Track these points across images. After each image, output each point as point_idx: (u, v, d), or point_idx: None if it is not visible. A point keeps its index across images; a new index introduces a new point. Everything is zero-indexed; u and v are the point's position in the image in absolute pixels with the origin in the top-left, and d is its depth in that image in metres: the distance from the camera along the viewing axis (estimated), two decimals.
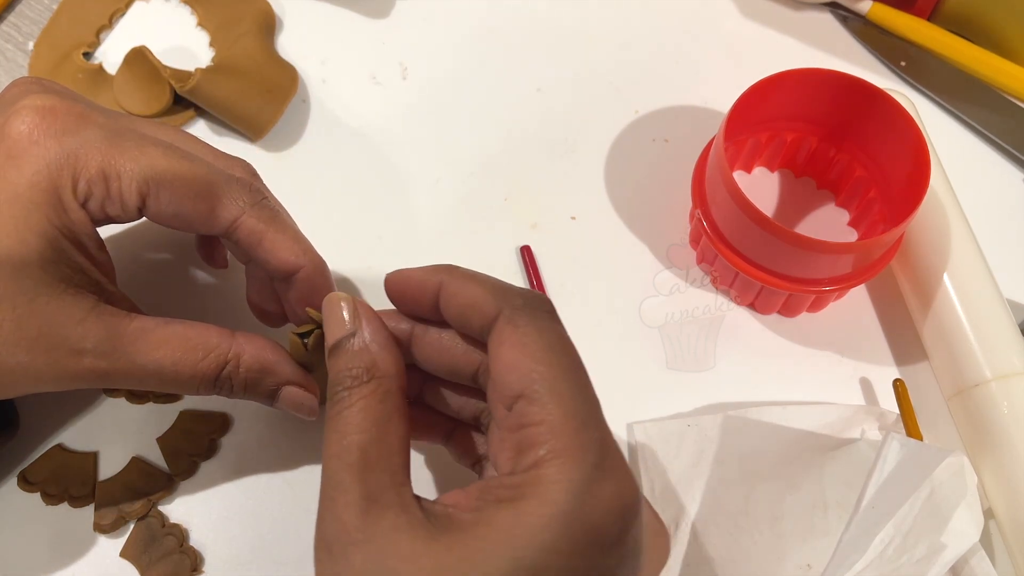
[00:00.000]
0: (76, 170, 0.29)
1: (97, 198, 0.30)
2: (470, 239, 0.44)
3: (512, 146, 0.46)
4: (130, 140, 0.31)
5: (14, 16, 0.49)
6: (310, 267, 0.33)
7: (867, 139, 0.41)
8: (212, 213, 0.31)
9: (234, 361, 0.31)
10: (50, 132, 0.29)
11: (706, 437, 0.38)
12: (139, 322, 0.31)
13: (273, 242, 0.32)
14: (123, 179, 0.30)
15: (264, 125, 0.45)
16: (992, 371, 0.37)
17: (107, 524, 0.36)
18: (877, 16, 0.50)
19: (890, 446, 0.33)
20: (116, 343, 0.30)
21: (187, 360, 0.31)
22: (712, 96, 0.48)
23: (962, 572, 0.34)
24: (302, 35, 0.49)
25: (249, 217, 0.32)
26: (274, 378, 0.32)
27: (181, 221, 0.31)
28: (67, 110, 0.30)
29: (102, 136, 0.30)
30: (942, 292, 0.39)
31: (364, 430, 0.26)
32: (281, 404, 0.33)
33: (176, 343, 0.31)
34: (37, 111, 0.30)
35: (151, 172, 0.30)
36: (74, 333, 0.29)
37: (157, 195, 0.31)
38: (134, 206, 0.31)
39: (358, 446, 0.26)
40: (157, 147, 0.31)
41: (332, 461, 0.26)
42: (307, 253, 0.33)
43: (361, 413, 0.27)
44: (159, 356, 0.30)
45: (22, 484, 0.37)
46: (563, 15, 0.50)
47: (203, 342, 0.31)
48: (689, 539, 0.36)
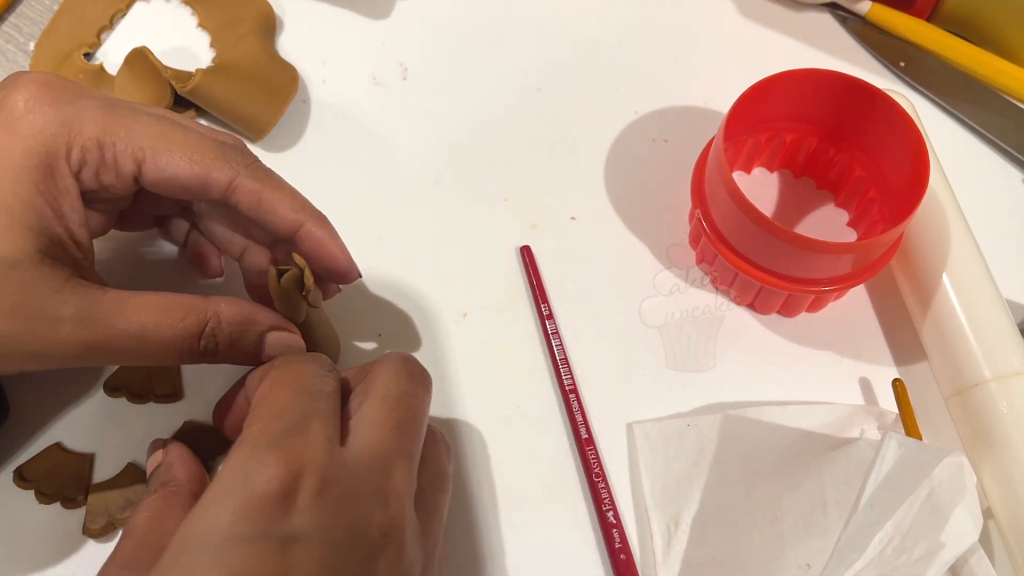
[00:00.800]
0: (71, 137, 0.30)
1: (91, 165, 0.30)
2: (470, 239, 0.44)
3: (512, 146, 0.46)
4: (124, 109, 0.31)
5: (15, 17, 0.49)
6: (311, 222, 0.33)
7: (866, 139, 0.41)
8: (208, 176, 0.31)
9: (215, 318, 0.31)
10: (47, 101, 0.30)
11: (706, 437, 0.38)
12: (114, 292, 0.30)
13: (271, 200, 0.33)
14: (118, 145, 0.30)
15: (264, 125, 0.45)
16: (991, 371, 0.37)
17: (96, 529, 0.36)
18: (876, 16, 0.50)
19: (888, 445, 0.33)
20: (94, 310, 0.29)
21: (168, 321, 0.30)
22: (712, 96, 0.48)
23: (961, 572, 0.34)
24: (302, 35, 0.49)
25: (245, 178, 0.32)
26: (257, 327, 0.32)
27: (177, 186, 0.32)
28: (64, 85, 0.31)
29: (97, 105, 0.31)
30: (941, 292, 0.39)
31: (140, 520, 0.31)
32: (267, 353, 0.33)
33: (154, 306, 0.30)
34: (36, 83, 0.30)
35: (146, 138, 0.31)
36: (53, 301, 0.29)
37: (154, 160, 0.31)
38: (129, 173, 0.31)
39: (128, 530, 0.30)
40: (151, 115, 0.31)
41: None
42: (306, 208, 0.34)
43: (142, 509, 0.31)
44: (140, 319, 0.30)
45: (17, 480, 0.37)
46: (563, 15, 0.50)
47: (181, 304, 0.31)
48: (689, 539, 0.36)
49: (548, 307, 0.41)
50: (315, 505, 0.25)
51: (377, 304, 0.42)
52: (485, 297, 0.42)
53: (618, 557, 0.36)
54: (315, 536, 0.25)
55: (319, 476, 0.26)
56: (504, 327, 0.41)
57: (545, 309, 0.41)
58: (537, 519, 0.37)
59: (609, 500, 0.37)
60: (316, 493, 0.25)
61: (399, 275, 0.42)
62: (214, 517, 0.25)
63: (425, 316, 0.41)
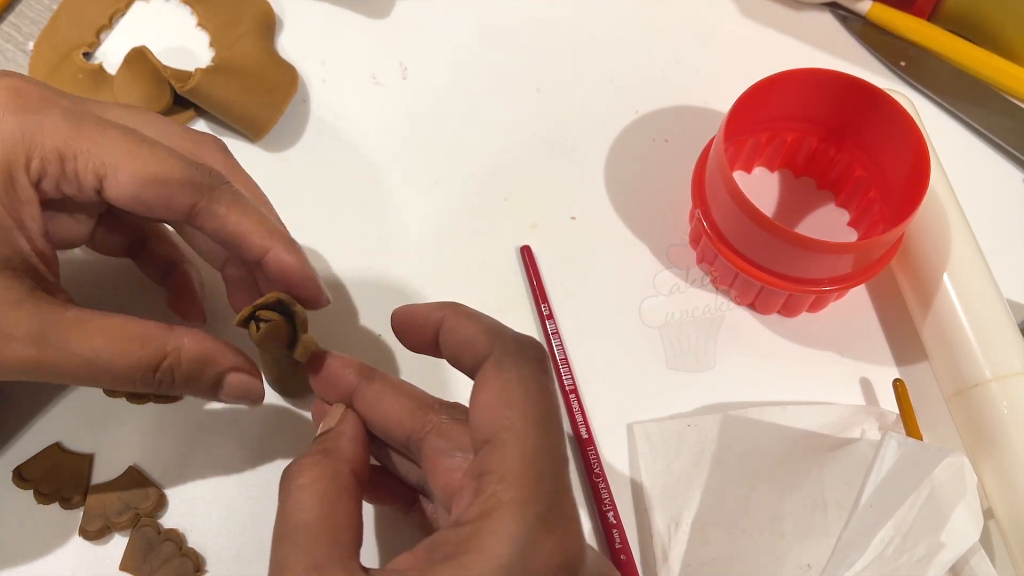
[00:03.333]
0: (31, 148, 0.29)
1: (51, 177, 0.29)
2: (470, 239, 0.44)
3: (512, 146, 0.46)
4: (90, 122, 0.30)
5: (14, 16, 0.49)
6: (279, 247, 0.32)
7: (867, 139, 0.41)
8: (171, 198, 0.30)
9: (174, 353, 0.30)
10: (10, 109, 0.29)
11: (706, 437, 0.38)
12: (75, 312, 0.30)
13: (237, 225, 0.31)
14: (79, 159, 0.29)
15: (264, 125, 0.45)
16: (992, 371, 0.37)
17: (93, 531, 0.35)
18: (877, 16, 0.50)
19: (888, 445, 0.33)
20: (49, 330, 0.29)
21: (124, 350, 0.29)
22: (712, 96, 0.48)
23: (962, 572, 0.34)
24: (302, 35, 0.49)
25: (210, 202, 0.31)
26: (215, 367, 0.32)
27: (141, 205, 0.31)
28: (31, 92, 0.30)
29: (62, 116, 0.30)
30: (942, 292, 0.39)
31: (309, 509, 0.27)
32: (226, 394, 0.32)
33: (114, 333, 0.30)
34: (6, 89, 0.29)
35: (108, 154, 0.30)
36: (6, 317, 0.28)
37: (115, 177, 0.30)
38: (90, 186, 0.30)
39: (303, 525, 0.26)
40: (116, 129, 0.30)
41: (277, 542, 0.27)
42: (273, 234, 0.32)
43: (307, 491, 0.27)
44: (96, 345, 0.29)
45: (17, 480, 0.36)
46: (563, 15, 0.50)
47: (141, 333, 0.30)
48: (689, 539, 0.36)
49: (548, 307, 0.41)
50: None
51: (377, 304, 0.42)
52: (485, 297, 0.42)
53: (618, 557, 0.36)
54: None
55: (581, 561, 0.25)
56: None
57: (545, 309, 0.41)
58: None
59: (609, 500, 0.37)
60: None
61: (399, 275, 0.42)
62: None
63: None
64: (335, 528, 0.27)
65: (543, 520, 0.24)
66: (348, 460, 0.29)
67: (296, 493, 0.27)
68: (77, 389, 0.39)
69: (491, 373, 0.27)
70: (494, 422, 0.26)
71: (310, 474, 0.28)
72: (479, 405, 0.27)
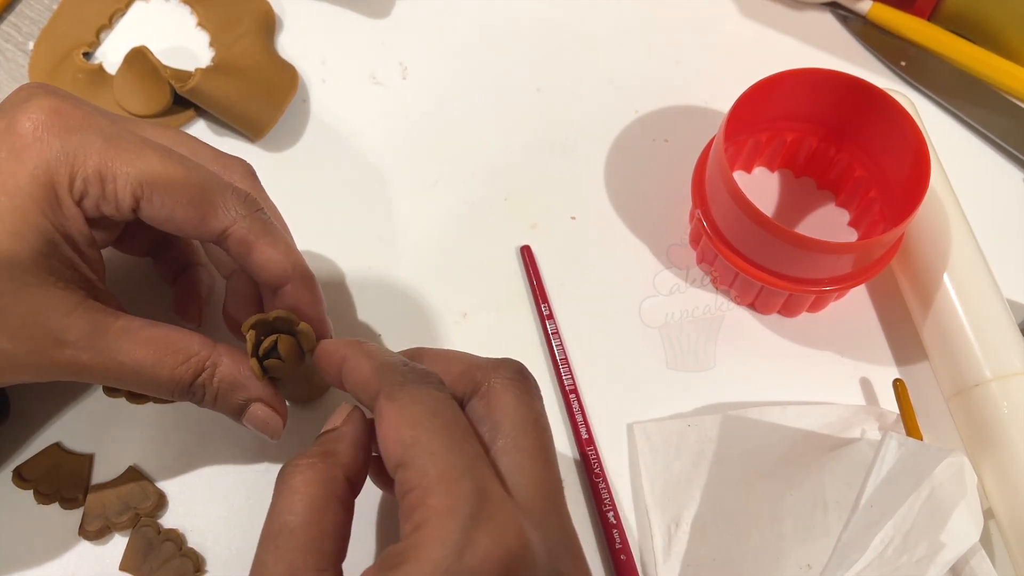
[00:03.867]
0: (74, 168, 0.30)
1: (92, 197, 0.31)
2: (470, 239, 0.44)
3: (512, 146, 0.46)
4: (128, 143, 0.31)
5: (14, 16, 0.49)
6: (298, 280, 0.33)
7: (867, 139, 0.41)
8: (204, 220, 0.32)
9: (210, 370, 0.32)
10: (53, 131, 0.30)
11: (706, 437, 0.38)
12: (124, 321, 0.31)
13: (262, 254, 0.32)
14: (118, 181, 0.31)
15: (264, 125, 0.45)
16: (992, 371, 0.37)
17: (92, 531, 0.35)
18: (877, 16, 0.50)
19: (888, 445, 0.33)
20: (99, 338, 0.30)
21: (167, 363, 0.31)
22: (712, 96, 0.48)
23: (962, 572, 0.34)
24: (302, 35, 0.49)
25: (240, 227, 0.32)
26: (244, 393, 0.33)
27: (173, 225, 0.32)
28: (71, 112, 0.31)
29: (102, 138, 0.31)
30: (942, 292, 0.39)
31: (296, 513, 0.27)
32: (247, 421, 0.33)
33: (159, 344, 0.31)
34: (43, 110, 0.30)
35: (145, 176, 0.31)
36: (59, 324, 0.30)
37: (150, 199, 0.31)
38: (128, 207, 0.31)
39: (288, 529, 0.27)
40: (155, 151, 0.31)
41: (262, 541, 0.27)
42: (296, 267, 0.33)
43: (298, 495, 0.28)
44: (140, 356, 0.31)
45: (16, 480, 0.37)
46: (563, 15, 0.50)
47: (185, 347, 0.31)
48: (689, 539, 0.36)
49: (548, 307, 0.41)
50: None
51: (377, 304, 0.42)
52: (485, 297, 0.42)
53: (618, 557, 0.36)
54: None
55: (524, 549, 0.25)
56: (504, 327, 0.41)
57: (545, 309, 0.41)
58: None
59: (609, 500, 0.37)
60: (531, 567, 0.25)
61: (399, 275, 0.42)
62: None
63: (425, 316, 0.41)
64: (319, 535, 0.27)
65: (474, 518, 0.25)
66: (344, 465, 0.29)
67: (286, 495, 0.28)
68: (77, 388, 0.39)
69: (385, 407, 0.27)
70: (399, 447, 0.27)
71: (303, 477, 0.28)
72: (383, 438, 0.27)
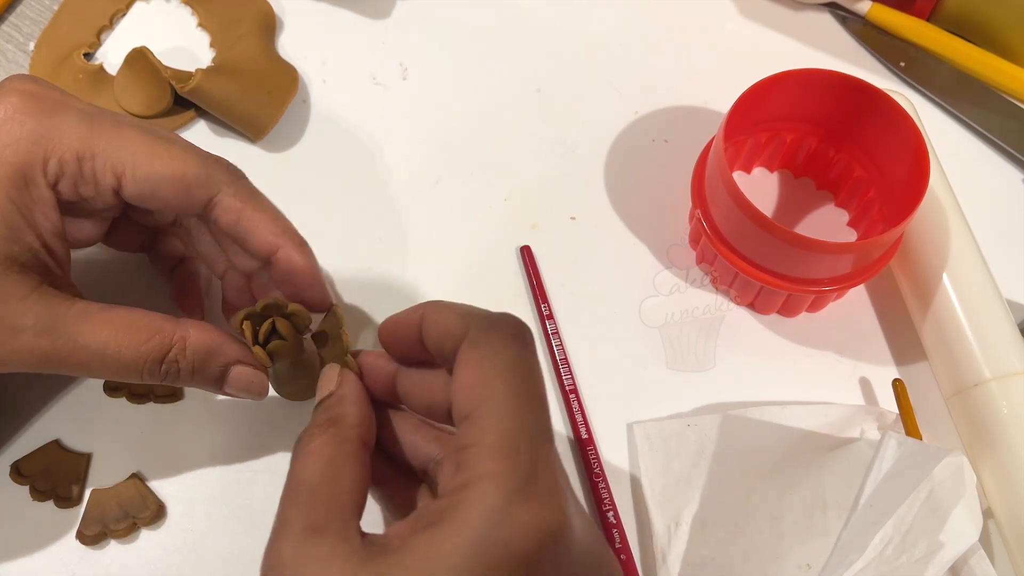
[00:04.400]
0: (48, 150, 0.30)
1: (69, 178, 0.30)
2: (470, 239, 0.44)
3: (512, 146, 0.46)
4: (108, 122, 0.31)
5: (15, 16, 0.49)
6: (290, 246, 0.33)
7: (867, 139, 0.41)
8: (189, 192, 0.31)
9: (180, 344, 0.31)
10: (27, 111, 0.30)
11: (706, 437, 0.38)
12: (82, 304, 0.30)
13: (251, 220, 0.32)
14: (96, 159, 0.30)
15: (264, 125, 0.45)
16: (991, 371, 0.37)
17: (90, 536, 0.35)
18: (876, 16, 0.50)
19: (887, 445, 0.33)
20: (58, 322, 0.29)
21: (131, 341, 0.30)
22: (712, 96, 0.48)
23: (961, 572, 0.34)
24: (302, 35, 0.49)
25: (226, 196, 0.32)
26: (222, 358, 0.32)
27: (159, 201, 0.31)
28: (47, 94, 0.30)
29: (79, 118, 0.30)
30: (941, 292, 0.39)
31: (314, 471, 0.28)
32: (230, 386, 0.33)
33: (120, 324, 0.30)
34: (18, 93, 0.30)
35: (127, 151, 0.30)
36: (14, 309, 0.29)
37: (133, 173, 0.30)
38: (109, 186, 0.31)
39: (307, 484, 0.27)
40: (134, 127, 0.31)
41: (283, 500, 0.27)
42: (287, 232, 0.33)
43: (314, 456, 0.28)
44: (103, 336, 0.30)
45: (14, 476, 0.37)
46: (563, 15, 0.50)
47: (147, 324, 0.31)
48: (689, 539, 0.36)
49: (548, 307, 0.41)
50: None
51: (377, 304, 0.42)
52: (485, 297, 0.42)
53: (618, 557, 0.36)
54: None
55: (563, 532, 0.25)
56: None
57: (545, 309, 0.41)
58: None
59: (609, 500, 0.37)
60: (566, 550, 0.25)
61: (399, 275, 0.42)
62: (461, 564, 0.24)
63: None
64: (338, 491, 0.27)
65: (520, 491, 0.25)
66: (354, 426, 0.29)
67: (303, 457, 0.28)
68: (78, 386, 0.39)
69: (466, 353, 0.27)
70: (472, 398, 0.26)
71: (318, 441, 0.28)
72: (458, 385, 0.27)
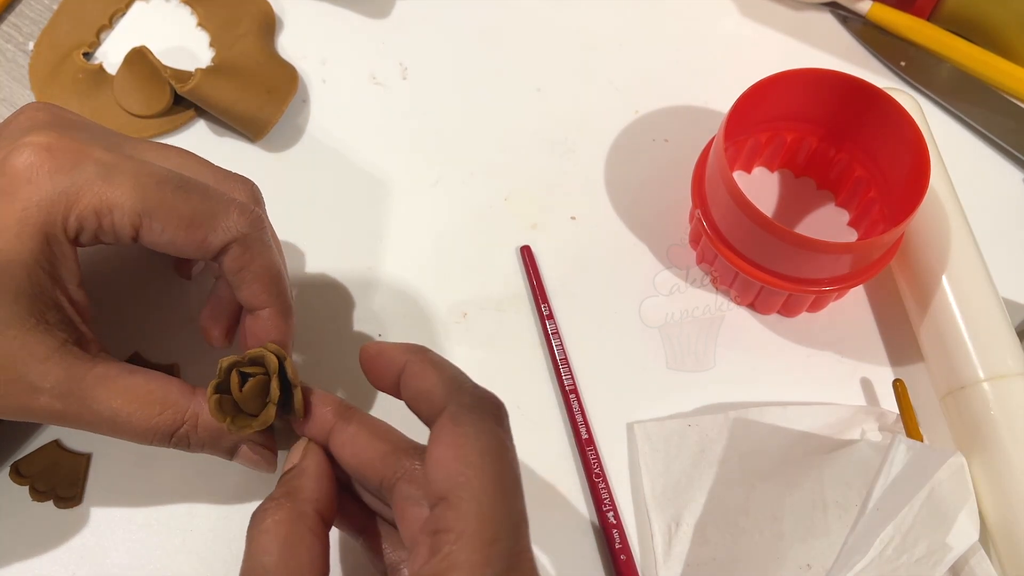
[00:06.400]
0: (67, 207, 0.30)
1: (89, 231, 0.30)
2: (470, 239, 0.44)
3: (512, 146, 0.46)
4: (125, 173, 0.30)
5: (14, 16, 0.49)
6: (274, 309, 0.33)
7: (867, 139, 0.41)
8: (204, 241, 0.31)
9: (192, 420, 0.31)
10: (45, 170, 0.30)
11: (706, 437, 0.38)
12: (102, 368, 0.31)
13: (252, 274, 0.32)
14: (115, 213, 0.30)
15: (264, 125, 0.45)
16: (985, 371, 0.37)
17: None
18: (877, 16, 0.50)
19: (897, 449, 0.33)
20: (75, 386, 0.30)
21: (143, 413, 0.31)
22: (712, 96, 0.48)
23: (962, 572, 0.34)
24: (302, 35, 0.49)
25: (238, 246, 0.32)
26: (231, 439, 0.32)
27: (175, 249, 0.32)
28: (65, 147, 0.30)
29: (97, 172, 0.30)
30: (940, 293, 0.39)
31: (271, 552, 0.27)
32: (239, 460, 0.33)
33: (135, 394, 0.31)
34: (36, 148, 0.30)
35: (144, 205, 0.30)
36: (35, 371, 0.29)
37: (150, 227, 0.31)
38: (128, 236, 0.31)
39: (263, 569, 0.27)
40: (152, 178, 0.31)
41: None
42: (279, 297, 0.33)
43: (269, 535, 0.28)
44: (115, 405, 0.30)
45: (14, 476, 0.37)
46: (563, 15, 0.50)
47: (162, 396, 0.31)
48: (689, 539, 0.36)
49: (548, 307, 0.41)
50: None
51: (377, 304, 0.42)
52: (485, 297, 0.42)
53: (619, 557, 0.36)
54: None
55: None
56: (504, 327, 0.41)
57: (545, 309, 0.41)
58: (537, 519, 0.37)
59: (609, 500, 0.37)
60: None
61: (399, 275, 0.42)
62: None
63: (425, 316, 0.41)
64: (296, 570, 0.27)
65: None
66: (311, 500, 0.29)
67: (259, 537, 0.28)
68: None
69: (448, 428, 0.27)
70: (450, 479, 0.26)
71: (273, 519, 0.28)
72: (435, 460, 0.27)
